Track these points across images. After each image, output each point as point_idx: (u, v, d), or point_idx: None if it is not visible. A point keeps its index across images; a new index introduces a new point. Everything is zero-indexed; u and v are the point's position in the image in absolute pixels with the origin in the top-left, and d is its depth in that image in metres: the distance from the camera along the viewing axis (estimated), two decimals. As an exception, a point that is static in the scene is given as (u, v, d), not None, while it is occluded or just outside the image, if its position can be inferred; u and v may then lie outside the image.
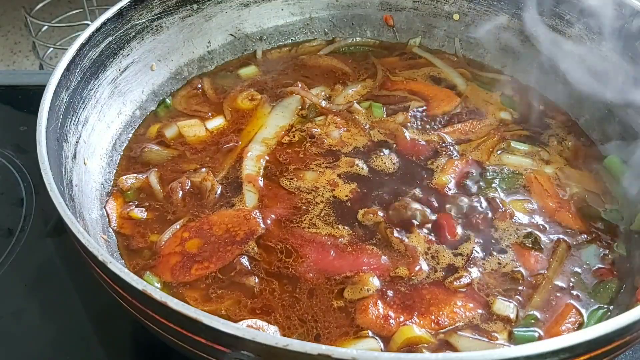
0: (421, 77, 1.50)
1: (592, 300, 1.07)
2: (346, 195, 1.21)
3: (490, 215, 1.18)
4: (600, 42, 1.33)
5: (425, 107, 1.40)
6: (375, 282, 1.06)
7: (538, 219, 1.18)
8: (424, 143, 1.31)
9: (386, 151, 1.30)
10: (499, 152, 1.30)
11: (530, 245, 1.13)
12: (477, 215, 1.17)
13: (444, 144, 1.31)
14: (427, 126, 1.35)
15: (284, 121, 1.38)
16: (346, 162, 1.27)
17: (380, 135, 1.34)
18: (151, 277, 1.08)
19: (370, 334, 1.00)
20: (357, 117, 1.37)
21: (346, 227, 1.15)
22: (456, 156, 1.29)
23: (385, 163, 1.28)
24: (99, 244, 1.06)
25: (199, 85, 1.48)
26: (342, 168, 1.26)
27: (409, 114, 1.37)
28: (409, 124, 1.35)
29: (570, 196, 1.23)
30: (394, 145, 1.31)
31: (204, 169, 1.26)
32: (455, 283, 1.07)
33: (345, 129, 1.35)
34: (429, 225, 1.15)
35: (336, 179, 1.24)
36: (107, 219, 1.19)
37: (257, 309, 1.04)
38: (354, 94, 1.46)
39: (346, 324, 1.02)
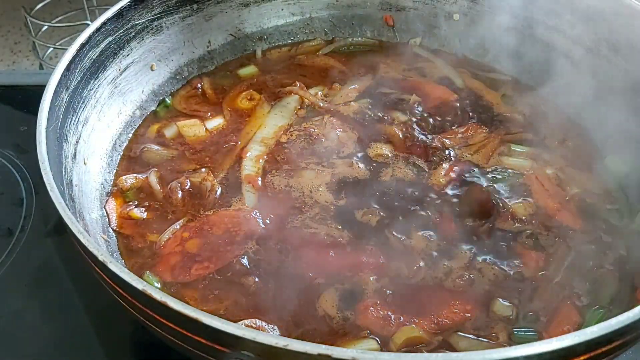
0: (421, 76, 1.50)
1: (592, 300, 1.07)
2: (345, 195, 1.21)
3: (490, 215, 1.17)
4: (600, 43, 1.33)
5: (424, 105, 1.40)
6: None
7: (539, 219, 1.18)
8: (423, 145, 1.31)
9: (385, 152, 1.29)
10: (499, 154, 1.30)
11: (531, 245, 1.13)
12: (477, 216, 1.17)
13: (443, 147, 1.31)
14: (426, 128, 1.35)
15: (282, 121, 1.38)
16: (345, 163, 1.27)
17: (378, 138, 1.33)
18: (151, 277, 1.08)
19: (370, 334, 1.00)
20: (354, 117, 1.37)
21: (345, 227, 1.15)
22: (455, 159, 1.28)
23: (384, 164, 1.27)
24: (99, 244, 1.06)
25: (199, 85, 1.48)
26: (341, 168, 1.26)
27: (408, 113, 1.37)
28: (407, 127, 1.35)
29: (571, 196, 1.22)
30: (393, 147, 1.31)
31: (203, 169, 1.26)
32: (456, 282, 1.07)
33: (341, 129, 1.35)
34: (429, 226, 1.15)
35: (335, 179, 1.24)
36: (107, 219, 1.19)
37: (256, 310, 1.04)
38: (352, 93, 1.45)
39: (343, 326, 1.02)
